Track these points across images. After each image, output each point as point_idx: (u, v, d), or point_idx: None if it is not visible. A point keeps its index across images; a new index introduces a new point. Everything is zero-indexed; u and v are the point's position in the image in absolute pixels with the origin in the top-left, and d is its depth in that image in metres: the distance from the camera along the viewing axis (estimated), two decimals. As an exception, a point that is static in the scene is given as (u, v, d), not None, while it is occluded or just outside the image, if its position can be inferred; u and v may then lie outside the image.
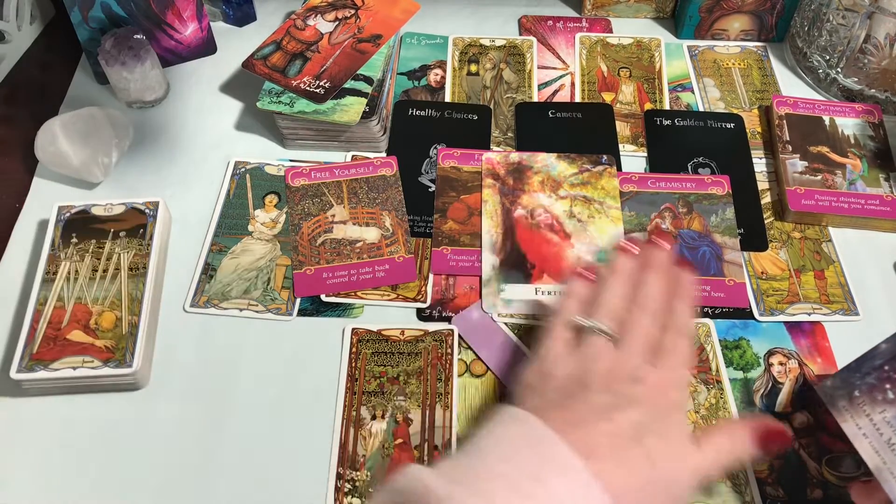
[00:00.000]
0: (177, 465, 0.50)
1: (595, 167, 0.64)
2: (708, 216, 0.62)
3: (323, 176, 0.64)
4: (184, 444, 0.51)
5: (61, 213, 0.59)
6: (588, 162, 0.64)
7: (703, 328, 0.56)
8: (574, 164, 0.64)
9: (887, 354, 0.44)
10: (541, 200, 0.62)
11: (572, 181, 0.63)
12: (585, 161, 0.64)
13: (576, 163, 0.64)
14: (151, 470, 0.50)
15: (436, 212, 0.63)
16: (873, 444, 0.43)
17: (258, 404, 0.53)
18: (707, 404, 0.52)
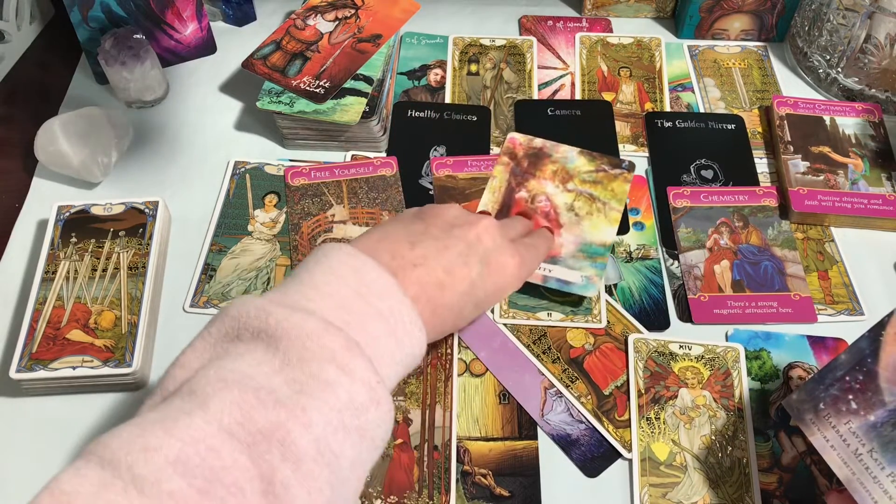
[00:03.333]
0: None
1: (613, 169, 0.63)
2: (764, 229, 0.61)
3: (323, 176, 0.64)
4: (183, 444, 0.51)
5: (61, 212, 0.59)
6: (608, 163, 0.63)
7: (732, 353, 0.55)
8: (594, 162, 0.63)
9: (847, 365, 0.43)
10: (547, 188, 0.62)
11: (585, 177, 0.62)
12: (606, 162, 0.63)
13: (595, 161, 0.63)
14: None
15: None
16: (841, 456, 0.43)
17: (258, 404, 0.53)
18: (725, 431, 0.52)
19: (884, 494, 0.41)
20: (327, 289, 0.38)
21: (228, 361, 0.34)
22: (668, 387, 0.54)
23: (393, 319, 0.38)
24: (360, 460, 0.35)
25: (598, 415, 0.53)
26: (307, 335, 0.34)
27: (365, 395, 0.34)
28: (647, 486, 0.50)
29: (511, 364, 0.55)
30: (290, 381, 0.33)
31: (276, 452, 0.31)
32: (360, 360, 0.35)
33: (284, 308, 0.35)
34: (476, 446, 0.52)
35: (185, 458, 0.29)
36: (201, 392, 0.32)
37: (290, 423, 0.32)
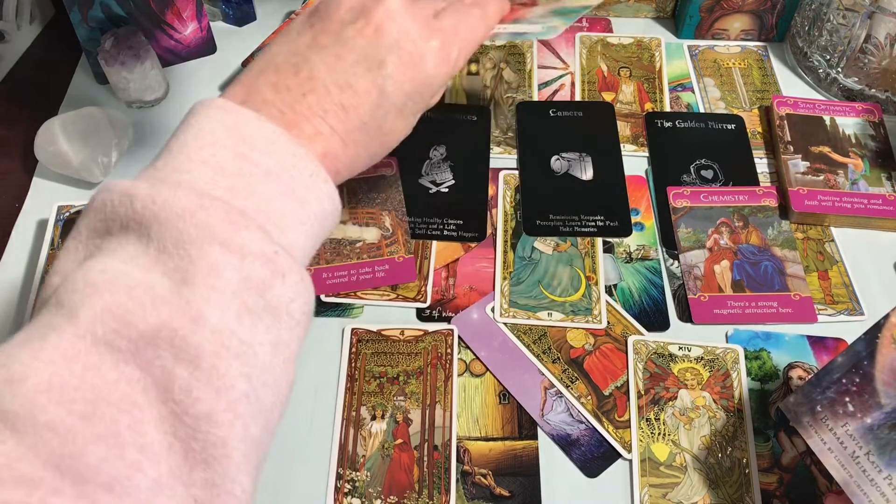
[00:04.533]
0: (176, 466, 0.50)
1: None
2: (764, 229, 0.61)
3: (323, 176, 0.64)
4: (183, 444, 0.51)
5: (61, 212, 0.59)
6: None
7: (732, 354, 0.55)
8: None
9: (844, 367, 0.43)
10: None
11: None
12: None
13: None
14: (151, 470, 0.50)
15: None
16: (839, 458, 0.43)
17: (258, 404, 0.53)
18: (725, 432, 0.52)
19: (881, 497, 0.41)
20: (201, 154, 0.32)
21: (98, 261, 0.29)
22: (667, 388, 0.54)
23: (286, 175, 0.32)
24: (281, 342, 0.30)
25: (598, 415, 0.53)
26: (179, 214, 0.29)
27: (263, 269, 0.30)
28: (647, 486, 0.50)
29: (511, 364, 0.55)
30: (170, 272, 0.28)
31: (167, 355, 0.27)
32: (248, 232, 0.30)
33: (151, 187, 0.30)
34: (476, 446, 0.52)
35: (60, 383, 0.26)
36: (69, 302, 0.28)
37: (176, 320, 0.27)
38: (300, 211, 0.32)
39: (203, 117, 0.33)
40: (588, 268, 0.60)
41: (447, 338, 0.56)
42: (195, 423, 0.27)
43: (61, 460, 0.25)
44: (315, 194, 0.33)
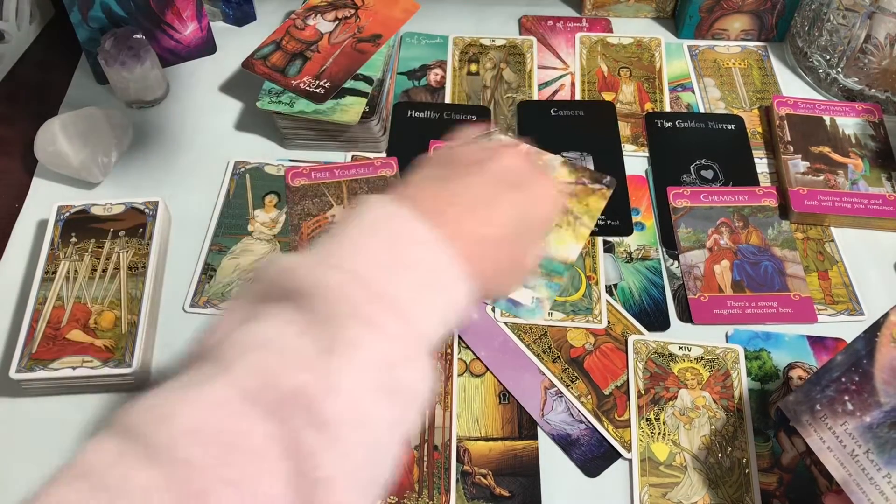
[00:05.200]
0: (176, 466, 0.50)
1: (592, 184, 0.63)
2: (764, 229, 0.61)
3: (323, 176, 0.64)
4: (183, 444, 0.51)
5: (61, 212, 0.59)
6: (589, 177, 0.63)
7: (732, 354, 0.55)
8: (574, 173, 0.63)
9: (843, 366, 0.43)
10: None
11: (562, 189, 0.62)
12: (587, 176, 0.63)
13: (577, 173, 0.63)
14: (151, 470, 0.50)
15: None
16: (838, 457, 0.43)
17: (258, 404, 0.53)
18: (725, 432, 0.52)
19: (880, 496, 0.41)
20: (358, 242, 0.36)
21: (255, 324, 0.33)
22: (667, 388, 0.54)
23: (428, 270, 0.35)
24: (398, 421, 0.33)
25: (598, 415, 0.53)
26: (332, 290, 0.33)
27: (398, 351, 0.33)
28: (647, 486, 0.50)
29: (511, 363, 0.55)
30: (317, 340, 0.31)
31: (301, 417, 0.29)
32: (391, 315, 0.33)
33: (311, 265, 0.34)
34: (476, 446, 0.52)
35: (202, 426, 0.28)
36: (225, 357, 0.31)
37: (316, 386, 0.30)
38: (436, 302, 0.36)
39: (366, 210, 0.37)
40: (588, 267, 0.59)
41: (447, 338, 0.56)
42: (314, 485, 0.29)
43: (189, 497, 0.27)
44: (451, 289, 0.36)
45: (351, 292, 0.33)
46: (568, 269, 0.58)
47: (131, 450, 0.28)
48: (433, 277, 0.35)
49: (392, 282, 0.34)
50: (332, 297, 0.32)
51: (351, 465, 0.30)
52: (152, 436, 0.28)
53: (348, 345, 0.31)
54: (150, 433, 0.28)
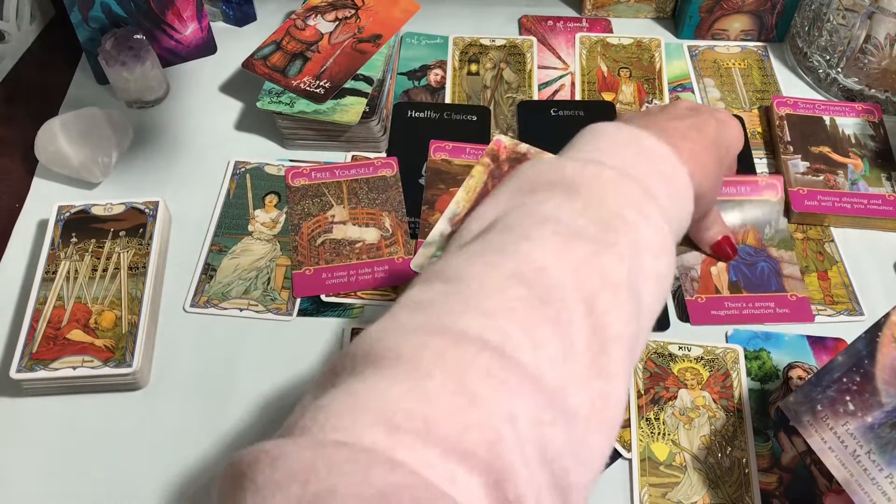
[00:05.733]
0: (176, 465, 0.50)
1: None
2: (762, 229, 0.61)
3: (323, 176, 0.64)
4: (183, 443, 0.51)
5: (61, 212, 0.59)
6: None
7: (731, 354, 0.55)
8: None
9: (844, 366, 0.43)
10: None
11: None
12: None
13: None
14: (151, 469, 0.50)
15: (424, 203, 0.63)
16: (839, 458, 0.43)
17: (258, 404, 0.53)
18: (725, 432, 0.52)
19: (882, 496, 0.41)
20: (609, 149, 0.38)
21: (531, 207, 0.35)
22: (667, 388, 0.54)
23: (672, 182, 0.38)
24: (652, 309, 0.36)
25: (597, 415, 0.53)
26: (604, 182, 0.35)
27: (659, 240, 0.35)
28: (647, 485, 0.50)
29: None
30: (596, 221, 0.34)
31: (595, 279, 0.32)
32: (654, 207, 0.36)
33: (577, 161, 0.37)
34: (476, 446, 0.51)
35: (521, 274, 0.31)
36: (518, 227, 0.34)
37: (605, 253, 0.33)
38: (676, 213, 0.38)
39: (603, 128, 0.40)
40: (588, 268, 0.59)
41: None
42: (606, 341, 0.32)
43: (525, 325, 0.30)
44: (685, 204, 0.39)
45: (624, 185, 0.36)
46: None
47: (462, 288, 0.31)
48: (676, 191, 0.38)
49: (652, 184, 0.37)
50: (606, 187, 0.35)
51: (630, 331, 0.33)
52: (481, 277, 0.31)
53: (626, 223, 0.34)
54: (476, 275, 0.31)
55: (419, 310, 0.31)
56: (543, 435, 0.29)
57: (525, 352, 0.29)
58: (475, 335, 0.29)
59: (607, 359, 0.32)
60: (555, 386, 0.30)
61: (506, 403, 0.27)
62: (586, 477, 0.31)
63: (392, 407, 0.26)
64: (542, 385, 0.29)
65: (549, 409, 0.29)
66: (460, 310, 0.30)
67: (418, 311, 0.31)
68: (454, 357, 0.28)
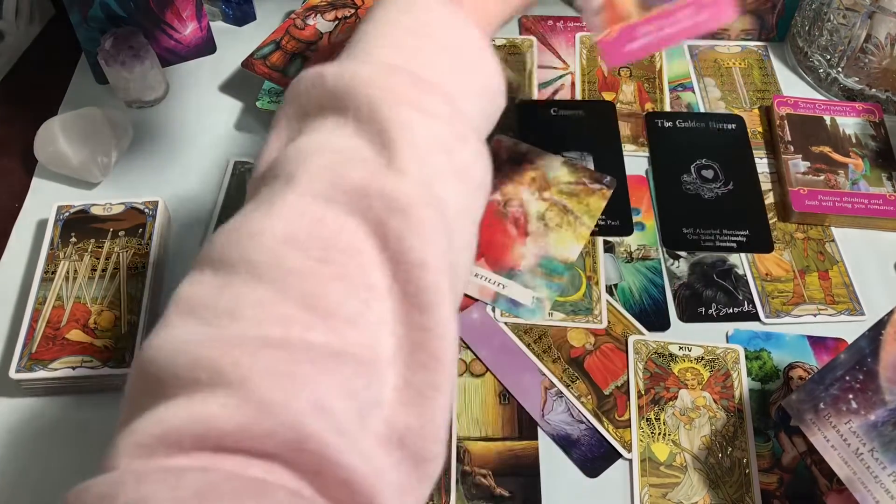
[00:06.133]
0: (176, 466, 0.50)
1: (593, 184, 0.63)
2: None
3: (323, 175, 0.64)
4: (183, 444, 0.51)
5: (60, 212, 0.59)
6: (589, 177, 0.63)
7: (732, 354, 0.55)
8: (575, 173, 0.63)
9: (847, 364, 0.43)
10: (522, 194, 0.62)
11: (563, 188, 0.62)
12: (587, 175, 0.63)
13: (577, 173, 0.63)
14: (150, 470, 0.50)
15: None
16: (842, 456, 0.43)
17: (258, 404, 0.53)
18: (726, 432, 0.52)
19: (885, 494, 0.41)
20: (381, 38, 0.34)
21: (304, 137, 0.32)
22: (667, 388, 0.54)
23: (458, 50, 0.35)
24: (465, 208, 0.33)
25: (598, 415, 0.53)
26: (368, 82, 0.32)
27: (448, 131, 0.32)
28: (648, 486, 0.50)
29: (511, 364, 0.55)
30: (370, 136, 0.31)
31: (379, 205, 0.29)
32: (432, 96, 0.32)
33: (339, 65, 0.33)
34: (476, 447, 0.51)
35: (293, 235, 0.29)
36: (284, 172, 0.31)
37: (383, 174, 0.30)
38: (473, 84, 0.34)
39: (379, 7, 0.36)
40: (588, 267, 0.59)
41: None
42: (410, 269, 0.29)
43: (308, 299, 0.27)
44: (484, 69, 0.35)
45: (390, 81, 0.32)
46: (568, 269, 0.58)
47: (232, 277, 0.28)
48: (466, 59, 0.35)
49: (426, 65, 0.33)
50: (372, 91, 0.31)
51: (438, 249, 0.30)
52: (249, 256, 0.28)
53: (404, 129, 0.31)
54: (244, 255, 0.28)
55: (191, 313, 0.28)
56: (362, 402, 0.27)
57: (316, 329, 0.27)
58: (252, 335, 0.27)
59: (417, 286, 0.29)
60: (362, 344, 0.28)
61: (303, 395, 0.26)
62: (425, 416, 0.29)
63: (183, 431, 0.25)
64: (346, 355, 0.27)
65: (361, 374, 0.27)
66: (231, 306, 0.28)
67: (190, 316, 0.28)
68: (231, 367, 0.26)
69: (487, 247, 0.59)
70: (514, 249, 0.59)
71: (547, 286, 0.57)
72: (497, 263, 0.58)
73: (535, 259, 0.58)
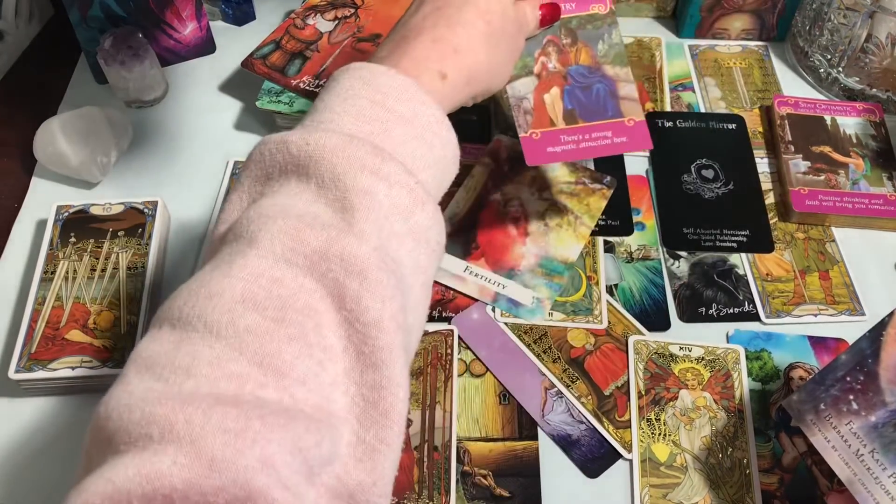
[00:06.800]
0: (175, 466, 0.50)
1: (593, 184, 0.62)
2: (594, 44, 0.55)
3: (323, 175, 0.64)
4: (182, 444, 0.51)
5: (60, 212, 0.59)
6: (589, 177, 0.63)
7: (732, 354, 0.55)
8: (575, 173, 0.63)
9: (848, 365, 0.43)
10: (522, 194, 0.62)
11: (563, 188, 0.62)
12: (588, 175, 0.63)
13: (577, 173, 0.63)
14: (150, 471, 0.50)
15: None
16: (843, 457, 0.43)
17: (257, 405, 0.53)
18: (726, 432, 0.52)
19: (885, 495, 0.41)
20: (342, 106, 0.36)
21: (266, 200, 0.33)
22: (668, 388, 0.54)
23: (417, 121, 0.36)
24: (419, 266, 0.34)
25: (598, 415, 0.53)
26: (332, 151, 0.33)
27: (406, 197, 0.34)
28: (648, 486, 0.50)
29: (511, 364, 0.55)
30: (331, 202, 0.32)
31: (338, 268, 0.31)
32: (392, 164, 0.34)
33: (302, 133, 0.34)
34: (476, 447, 0.51)
35: (251, 295, 0.29)
36: (246, 233, 0.32)
37: (343, 237, 0.31)
38: (429, 154, 0.36)
39: (341, 77, 0.38)
40: (589, 267, 0.59)
41: (447, 338, 0.55)
42: (365, 330, 0.30)
43: (262, 358, 0.28)
44: (440, 139, 0.37)
45: (351, 150, 0.33)
46: (568, 269, 0.58)
47: (190, 334, 0.29)
48: (424, 130, 0.36)
49: (385, 136, 0.35)
50: (334, 158, 0.33)
51: (394, 308, 0.31)
52: (207, 315, 0.29)
53: (363, 194, 0.32)
54: (202, 314, 0.29)
55: (149, 369, 0.29)
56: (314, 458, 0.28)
57: (268, 388, 0.28)
58: (205, 392, 0.27)
59: (373, 346, 0.30)
60: (314, 403, 0.29)
61: (252, 452, 0.26)
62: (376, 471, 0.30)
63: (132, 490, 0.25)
64: (297, 412, 0.28)
65: (311, 431, 0.28)
66: (187, 363, 0.28)
67: (148, 372, 0.29)
68: (183, 423, 0.26)
69: (487, 247, 0.59)
70: (514, 249, 0.59)
71: (547, 286, 0.57)
72: (497, 263, 0.58)
73: (535, 259, 0.58)
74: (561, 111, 0.52)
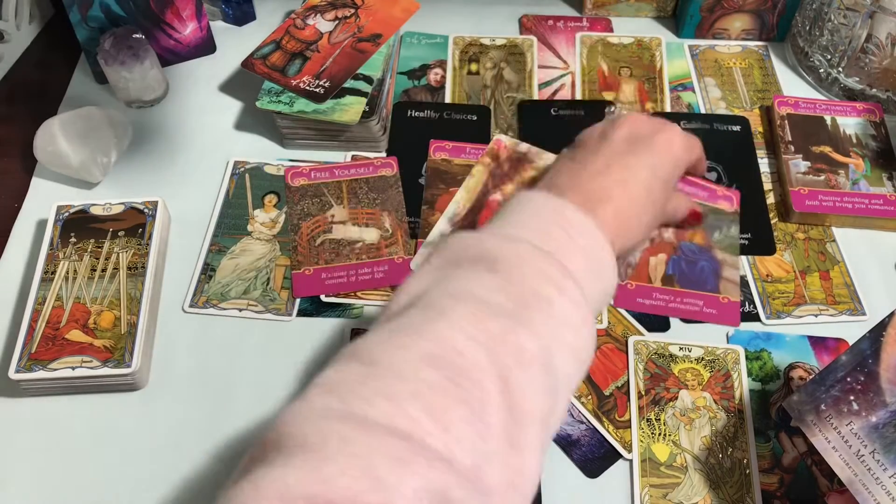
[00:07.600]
0: (176, 466, 0.50)
1: None
2: (711, 232, 0.60)
3: (323, 176, 0.64)
4: (183, 444, 0.51)
5: (60, 212, 0.59)
6: None
7: (732, 355, 0.55)
8: None
9: (848, 365, 0.43)
10: None
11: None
12: None
13: None
14: (150, 470, 0.50)
15: (424, 203, 0.63)
16: (843, 457, 0.43)
17: (257, 405, 0.53)
18: (726, 432, 0.52)
19: (886, 496, 0.41)
20: (532, 223, 0.40)
21: (453, 282, 0.36)
22: (668, 388, 0.54)
23: (593, 256, 0.39)
24: (570, 378, 0.37)
25: (598, 415, 0.53)
26: (522, 258, 0.37)
27: (577, 315, 0.37)
28: (648, 486, 0.50)
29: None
30: (514, 298, 0.35)
31: (511, 357, 0.33)
32: (571, 283, 0.37)
33: (497, 237, 0.38)
34: (476, 447, 0.51)
35: (435, 356, 0.32)
36: (437, 305, 0.35)
37: (520, 330, 0.34)
38: (597, 286, 0.39)
39: (529, 199, 0.41)
40: (589, 268, 0.59)
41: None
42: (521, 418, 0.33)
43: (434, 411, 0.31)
44: (607, 279, 0.40)
45: (538, 261, 0.37)
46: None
47: (376, 371, 0.32)
48: (597, 266, 0.40)
49: (566, 257, 0.38)
50: (521, 263, 0.37)
51: (544, 407, 0.34)
52: (394, 361, 0.32)
53: (544, 300, 0.36)
54: (391, 359, 0.32)
55: (331, 392, 0.31)
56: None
57: (435, 437, 0.30)
58: (384, 423, 0.30)
59: (523, 434, 0.33)
60: (468, 465, 0.30)
61: (412, 482, 0.28)
62: None
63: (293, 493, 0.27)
64: (454, 466, 0.30)
65: (462, 487, 0.30)
66: (370, 394, 0.31)
67: (330, 394, 0.31)
68: (360, 442, 0.29)
69: None
70: None
71: None
72: None
73: None
74: (661, 274, 0.58)
